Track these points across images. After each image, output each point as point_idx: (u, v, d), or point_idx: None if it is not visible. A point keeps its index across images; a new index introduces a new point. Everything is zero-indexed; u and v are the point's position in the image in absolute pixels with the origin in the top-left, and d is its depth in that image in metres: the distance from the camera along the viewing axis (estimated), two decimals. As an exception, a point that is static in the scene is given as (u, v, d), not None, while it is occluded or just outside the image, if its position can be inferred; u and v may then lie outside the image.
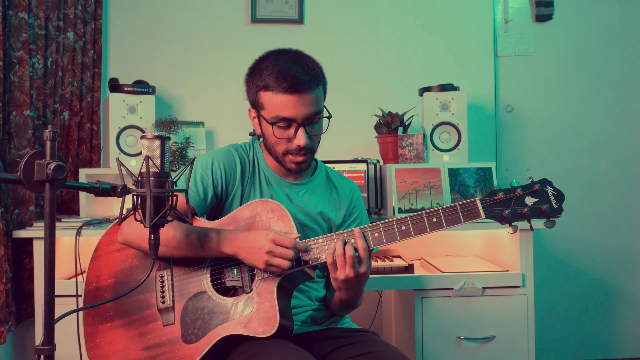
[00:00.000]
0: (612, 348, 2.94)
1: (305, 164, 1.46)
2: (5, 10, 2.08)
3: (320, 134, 1.46)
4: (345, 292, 1.39)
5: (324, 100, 1.47)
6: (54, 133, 1.00)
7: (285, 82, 1.36)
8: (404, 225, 1.34)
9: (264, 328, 1.30)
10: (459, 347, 2.05)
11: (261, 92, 1.41)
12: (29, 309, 2.16)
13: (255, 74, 1.43)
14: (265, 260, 1.30)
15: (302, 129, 1.39)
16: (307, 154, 1.44)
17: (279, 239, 1.31)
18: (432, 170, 2.33)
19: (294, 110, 1.37)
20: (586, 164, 2.93)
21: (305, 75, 1.37)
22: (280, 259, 1.30)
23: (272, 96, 1.38)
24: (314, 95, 1.39)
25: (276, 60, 1.40)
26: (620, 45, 2.94)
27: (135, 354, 1.36)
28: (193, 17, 2.75)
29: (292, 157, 1.43)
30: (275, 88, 1.37)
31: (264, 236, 1.31)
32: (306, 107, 1.38)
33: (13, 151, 2.14)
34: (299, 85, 1.36)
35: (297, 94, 1.36)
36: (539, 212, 1.29)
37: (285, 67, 1.38)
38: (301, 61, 1.41)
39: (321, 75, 1.44)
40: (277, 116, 1.39)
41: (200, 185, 1.45)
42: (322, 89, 1.44)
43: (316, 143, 1.46)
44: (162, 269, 1.40)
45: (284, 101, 1.37)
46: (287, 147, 1.42)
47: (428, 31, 2.84)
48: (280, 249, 1.30)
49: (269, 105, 1.40)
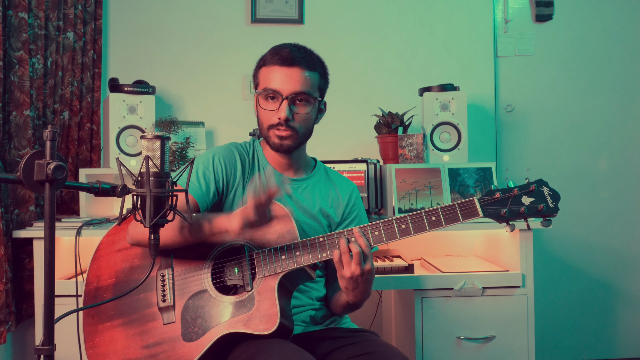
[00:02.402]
0: (612, 348, 2.94)
1: (288, 140, 1.47)
2: (5, 10, 2.08)
3: (308, 120, 1.48)
4: (353, 293, 1.39)
5: (320, 92, 1.50)
6: (54, 133, 1.00)
7: (277, 55, 1.45)
8: (404, 223, 1.35)
9: (265, 325, 1.30)
10: (459, 347, 2.05)
11: (259, 70, 1.50)
12: (29, 309, 2.16)
13: (260, 59, 1.51)
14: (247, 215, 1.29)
15: (286, 102, 1.43)
16: (290, 131, 1.46)
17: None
18: (432, 170, 2.33)
19: (281, 82, 1.43)
20: (586, 163, 2.94)
21: (298, 53, 1.45)
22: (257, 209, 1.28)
23: (266, 70, 1.47)
24: (305, 75, 1.44)
25: (280, 44, 1.49)
26: (620, 45, 2.94)
27: (135, 352, 1.36)
28: (193, 17, 2.75)
29: (276, 131, 1.46)
30: (269, 61, 1.46)
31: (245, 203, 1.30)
32: (293, 83, 1.43)
33: (13, 151, 2.14)
34: (289, 60, 1.43)
35: (286, 66, 1.44)
36: (536, 211, 1.32)
37: (282, 45, 1.48)
38: (301, 47, 1.50)
39: (317, 63, 1.49)
40: (266, 87, 1.46)
41: (203, 180, 1.47)
42: (317, 77, 1.48)
43: (301, 125, 1.47)
44: (163, 267, 1.40)
45: (273, 72, 1.44)
46: (271, 122, 1.46)
47: (428, 31, 2.84)
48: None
49: (262, 80, 1.48)
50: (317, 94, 1.49)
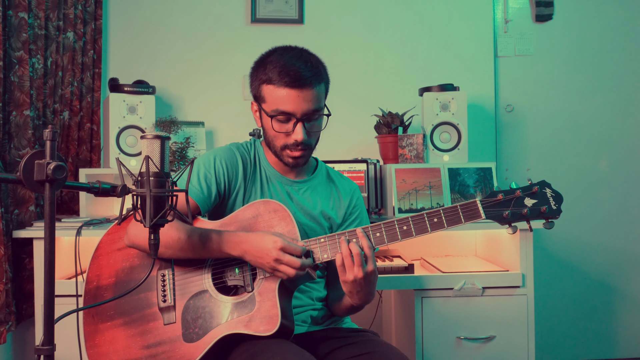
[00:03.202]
0: (612, 348, 2.94)
1: (303, 159, 1.46)
2: (5, 10, 2.08)
3: (319, 131, 1.47)
4: (357, 297, 1.38)
5: (325, 99, 1.47)
6: (54, 133, 1.00)
7: (287, 76, 1.38)
8: (405, 225, 1.34)
9: (265, 327, 1.30)
10: (459, 347, 2.05)
11: (264, 85, 1.42)
12: (29, 309, 2.16)
13: (260, 68, 1.45)
14: (272, 267, 1.31)
15: (301, 124, 1.40)
16: (305, 150, 1.45)
17: (288, 247, 1.31)
18: (432, 170, 2.33)
19: (294, 105, 1.39)
20: (586, 164, 2.93)
21: (307, 72, 1.39)
22: (287, 267, 1.30)
23: (274, 89, 1.40)
24: (315, 92, 1.40)
25: (281, 55, 1.42)
26: (620, 45, 2.94)
27: (136, 352, 1.36)
28: (193, 17, 2.75)
29: (290, 151, 1.44)
30: (277, 82, 1.39)
31: (272, 243, 1.31)
32: (306, 103, 1.39)
33: (13, 151, 2.14)
34: (300, 81, 1.38)
35: (297, 89, 1.38)
36: (538, 213, 1.31)
37: (289, 62, 1.39)
38: (305, 58, 1.42)
39: (324, 74, 1.46)
40: (277, 109, 1.40)
41: (204, 183, 1.46)
42: (324, 87, 1.46)
43: (314, 140, 1.47)
44: (164, 268, 1.40)
45: (285, 95, 1.39)
46: (285, 142, 1.43)
47: (428, 31, 2.84)
48: (287, 258, 1.30)
49: (270, 99, 1.41)
50: (324, 102, 1.47)
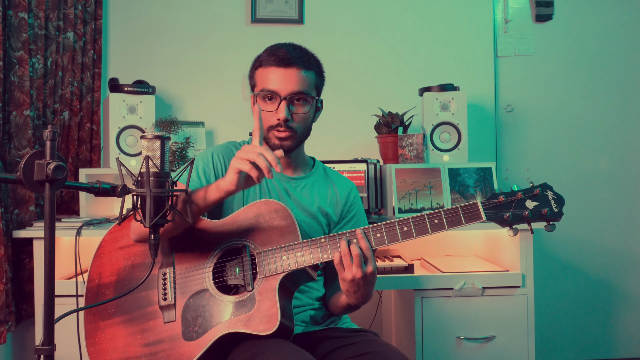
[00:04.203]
0: (612, 348, 2.94)
1: (287, 142, 1.47)
2: (5, 10, 2.08)
3: (306, 118, 1.48)
4: (354, 296, 1.38)
5: (315, 91, 1.50)
6: (54, 133, 1.00)
7: (274, 56, 1.45)
8: (406, 226, 1.35)
9: (265, 326, 1.30)
10: (459, 347, 2.05)
11: (256, 71, 1.49)
12: (29, 309, 2.16)
13: (256, 59, 1.52)
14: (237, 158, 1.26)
15: (284, 102, 1.44)
16: (290, 132, 1.46)
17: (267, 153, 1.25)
18: (432, 170, 2.33)
19: (279, 83, 1.44)
20: (586, 164, 2.94)
21: (294, 53, 1.46)
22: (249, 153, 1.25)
23: (262, 71, 1.46)
24: (302, 75, 1.44)
25: (274, 44, 1.50)
26: (620, 45, 2.94)
27: (136, 350, 1.36)
28: (193, 17, 2.75)
29: (276, 132, 1.46)
30: (265, 62, 1.46)
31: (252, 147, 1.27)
32: (290, 83, 1.43)
33: (13, 151, 2.14)
34: (286, 61, 1.43)
35: (283, 67, 1.44)
36: (539, 216, 1.31)
37: (278, 45, 1.48)
38: (297, 46, 1.50)
39: (314, 63, 1.50)
40: (263, 88, 1.46)
41: (203, 177, 1.47)
42: (314, 76, 1.49)
43: (301, 126, 1.48)
44: (165, 266, 1.41)
45: (271, 73, 1.44)
46: (271, 122, 1.46)
47: (428, 31, 2.84)
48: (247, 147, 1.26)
49: (259, 80, 1.48)
50: (314, 92, 1.49)
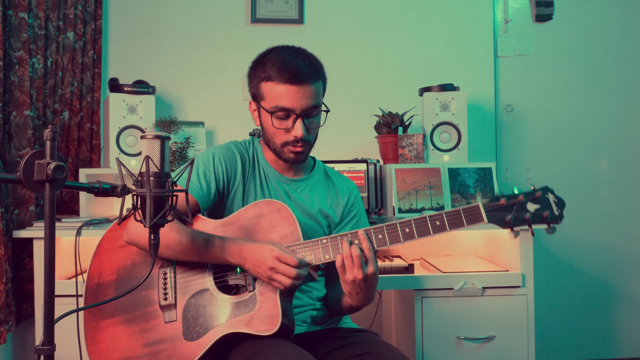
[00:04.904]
0: (612, 348, 2.94)
1: (303, 155, 1.48)
2: (5, 10, 2.08)
3: (318, 128, 1.48)
4: (356, 298, 1.38)
5: (323, 97, 1.49)
6: (54, 133, 1.00)
7: (286, 72, 1.39)
8: (408, 227, 1.35)
9: (266, 326, 1.30)
10: (459, 347, 2.05)
11: (263, 83, 1.44)
12: (29, 309, 2.16)
13: (258, 66, 1.46)
14: (268, 275, 1.32)
15: (300, 120, 1.42)
16: (305, 146, 1.46)
17: (283, 256, 1.31)
18: (432, 170, 2.33)
19: (293, 101, 1.40)
20: (586, 164, 2.94)
21: (306, 68, 1.41)
22: (282, 276, 1.31)
23: (273, 86, 1.41)
24: (314, 88, 1.42)
25: (279, 53, 1.44)
26: (620, 45, 2.94)
27: (136, 350, 1.36)
28: (193, 17, 2.76)
29: (292, 147, 1.45)
30: (276, 78, 1.41)
31: (269, 252, 1.32)
32: (305, 99, 1.41)
33: (13, 151, 2.14)
34: (299, 77, 1.39)
35: (297, 84, 1.40)
36: (540, 219, 1.31)
37: (287, 59, 1.41)
38: (303, 55, 1.45)
39: (321, 71, 1.48)
40: (276, 106, 1.42)
41: (204, 180, 1.46)
42: (322, 84, 1.47)
43: (313, 136, 1.48)
44: (165, 266, 1.41)
45: (284, 91, 1.40)
46: (286, 139, 1.45)
47: (428, 31, 2.84)
48: (283, 267, 1.31)
49: (269, 96, 1.43)
50: (322, 99, 1.48)
